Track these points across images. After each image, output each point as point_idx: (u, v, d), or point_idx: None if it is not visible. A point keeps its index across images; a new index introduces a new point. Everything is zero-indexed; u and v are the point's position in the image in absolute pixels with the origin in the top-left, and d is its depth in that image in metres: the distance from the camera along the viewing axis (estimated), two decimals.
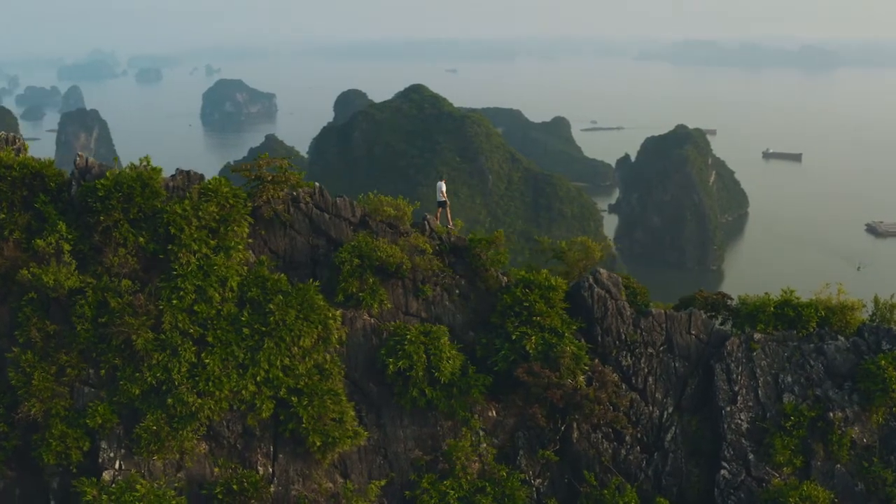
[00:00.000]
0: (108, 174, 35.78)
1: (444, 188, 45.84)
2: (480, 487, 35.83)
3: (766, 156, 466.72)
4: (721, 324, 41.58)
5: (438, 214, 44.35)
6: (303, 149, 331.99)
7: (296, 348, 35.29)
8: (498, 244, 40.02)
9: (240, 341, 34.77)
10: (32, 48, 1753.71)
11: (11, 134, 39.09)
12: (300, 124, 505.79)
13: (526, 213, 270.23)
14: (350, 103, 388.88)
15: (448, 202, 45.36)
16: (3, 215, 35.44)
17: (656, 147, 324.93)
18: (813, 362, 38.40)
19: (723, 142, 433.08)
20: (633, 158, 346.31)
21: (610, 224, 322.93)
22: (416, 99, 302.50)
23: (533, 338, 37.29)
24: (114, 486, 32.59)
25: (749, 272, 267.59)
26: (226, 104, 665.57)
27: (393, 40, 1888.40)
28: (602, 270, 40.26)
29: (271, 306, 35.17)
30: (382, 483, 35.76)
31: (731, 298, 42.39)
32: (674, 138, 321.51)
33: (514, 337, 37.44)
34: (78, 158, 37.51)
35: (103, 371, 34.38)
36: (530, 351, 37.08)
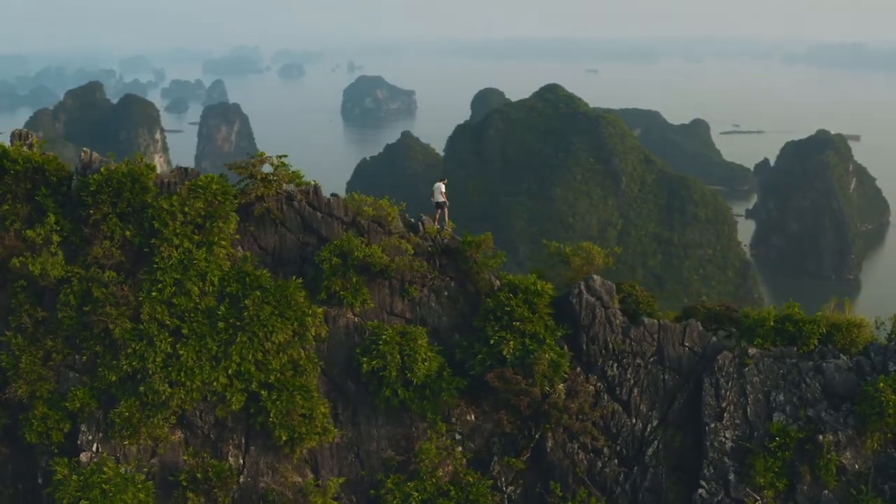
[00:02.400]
0: (102, 170, 37.29)
1: (443, 189, 45.59)
2: (445, 491, 35.78)
3: None
4: (727, 337, 40.12)
5: (437, 216, 44.18)
6: (440, 146, 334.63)
7: (269, 343, 36.00)
8: (485, 247, 39.49)
9: (214, 334, 35.74)
10: (179, 43, 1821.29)
11: (25, 130, 41.57)
12: (439, 121, 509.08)
13: (659, 215, 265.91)
14: (487, 102, 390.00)
15: (447, 203, 45.04)
16: (7, 207, 37.50)
17: (796, 152, 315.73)
18: (810, 381, 36.47)
19: (867, 148, 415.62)
20: (772, 163, 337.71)
21: (746, 229, 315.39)
22: (551, 98, 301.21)
23: (511, 343, 36.84)
24: (84, 467, 34.08)
25: (888, 283, 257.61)
26: (366, 100, 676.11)
27: (535, 39, 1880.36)
28: (596, 277, 39.43)
29: (247, 301, 36.03)
30: (342, 480, 36.18)
31: (737, 311, 40.79)
32: (815, 143, 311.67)
33: (492, 341, 37.10)
34: (83, 154, 39.37)
35: (85, 357, 36.09)
36: (507, 356, 36.66)
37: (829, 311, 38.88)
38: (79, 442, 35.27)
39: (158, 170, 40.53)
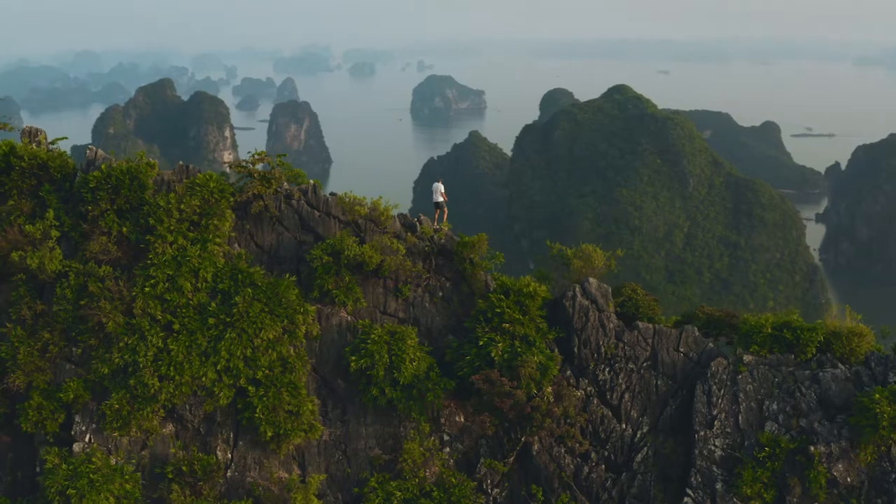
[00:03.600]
0: (103, 167, 38.09)
1: (442, 189, 45.52)
2: (427, 491, 35.76)
3: None
4: (728, 344, 39.38)
5: (437, 216, 44.13)
6: (508, 146, 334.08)
7: (258, 340, 36.42)
8: (479, 248, 39.30)
9: (204, 330, 36.29)
10: (250, 41, 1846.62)
11: (34, 127, 42.42)
12: (507, 121, 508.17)
13: (726, 218, 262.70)
14: (556, 102, 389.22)
15: (446, 203, 44.95)
16: (12, 202, 38.57)
17: (867, 156, 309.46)
18: (805, 390, 35.57)
19: None
20: (843, 167, 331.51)
21: (816, 233, 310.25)
22: (619, 99, 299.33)
23: (500, 345, 36.69)
24: (75, 457, 34.88)
25: None
26: (435, 99, 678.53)
27: (606, 39, 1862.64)
28: (592, 280, 39.00)
29: (237, 298, 36.51)
30: (323, 477, 36.37)
31: (737, 317, 39.94)
32: (886, 147, 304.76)
33: (481, 343, 36.96)
34: (88, 151, 40.18)
35: (80, 350, 36.91)
36: (495, 358, 36.49)
37: (830, 319, 37.90)
38: (72, 432, 36.05)
39: (227, 168, 41.38)
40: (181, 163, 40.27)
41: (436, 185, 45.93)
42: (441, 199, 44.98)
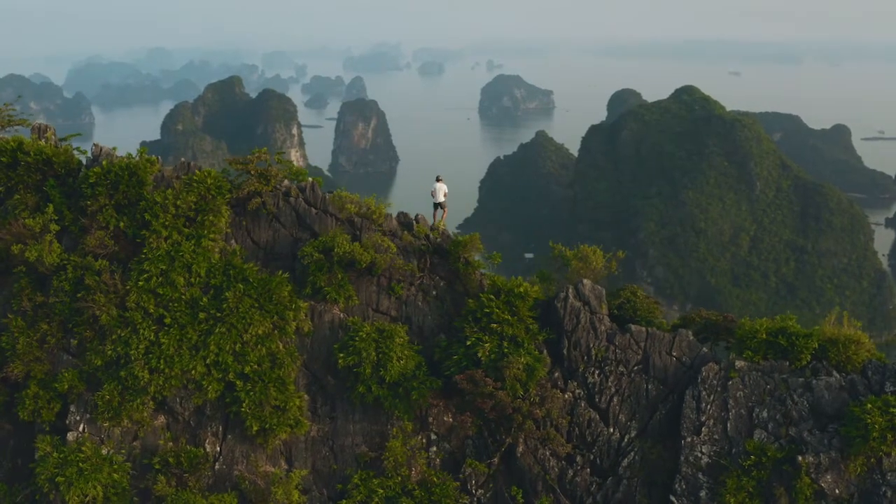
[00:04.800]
0: (104, 163, 38.78)
1: (445, 189, 45.35)
2: (409, 490, 35.80)
3: None
4: (727, 349, 38.66)
5: (435, 215, 44.07)
6: (575, 146, 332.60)
7: (248, 335, 36.85)
8: (472, 247, 39.15)
9: (195, 324, 36.87)
10: (320, 39, 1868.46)
11: (43, 123, 43.41)
12: (575, 122, 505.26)
13: (793, 222, 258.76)
14: (623, 102, 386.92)
15: (445, 202, 44.82)
16: (18, 196, 39.52)
17: None
18: (797, 398, 34.64)
19: None
20: None
21: (885, 239, 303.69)
22: (687, 100, 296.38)
23: (487, 345, 36.52)
24: (67, 446, 35.76)
25: None
26: (503, 99, 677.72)
27: (677, 40, 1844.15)
28: (586, 281, 38.58)
29: (227, 294, 36.99)
30: (305, 473, 36.66)
31: (735, 322, 39.16)
32: None
33: (468, 343, 36.83)
34: (93, 147, 40.87)
35: (76, 341, 37.77)
36: (482, 358, 36.35)
37: (828, 326, 36.98)
38: (67, 422, 36.97)
39: (294, 165, 42.14)
40: (183, 160, 40.98)
41: (438, 184, 45.71)
42: (443, 198, 44.81)
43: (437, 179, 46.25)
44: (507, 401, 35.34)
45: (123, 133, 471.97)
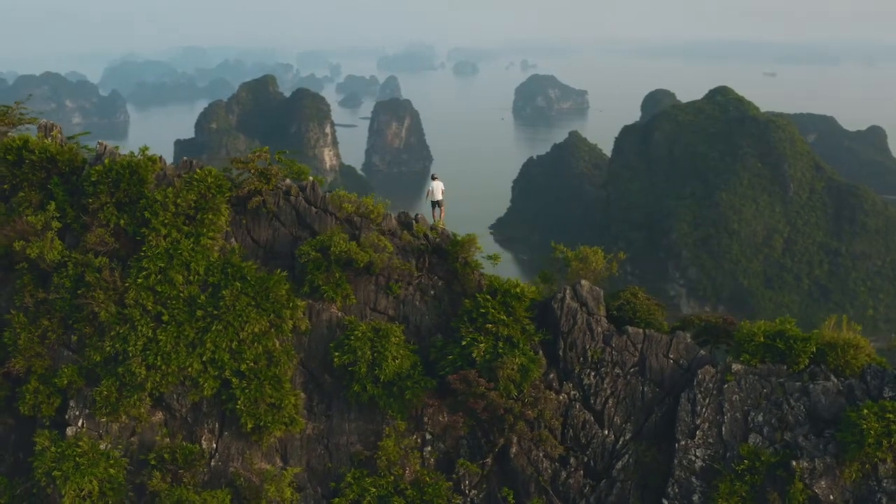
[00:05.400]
0: (106, 161, 39.17)
1: (443, 187, 45.37)
2: (401, 489, 35.89)
3: None
4: (727, 352, 38.31)
5: (434, 214, 44.11)
6: (608, 146, 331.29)
7: (244, 333, 37.07)
8: (469, 247, 39.11)
9: (192, 322, 37.18)
10: (354, 39, 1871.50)
11: (50, 122, 43.95)
12: (609, 122, 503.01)
13: (827, 224, 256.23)
14: (657, 103, 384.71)
15: (442, 201, 44.86)
16: (23, 194, 40.06)
17: None
18: (794, 403, 34.22)
19: None
20: None
21: None
22: (721, 101, 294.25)
23: (482, 345, 36.47)
24: (65, 441, 36.25)
25: None
26: (537, 99, 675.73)
27: (712, 40, 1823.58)
28: (584, 282, 38.40)
29: (224, 292, 37.22)
30: (297, 471, 36.90)
31: (734, 324, 38.80)
32: None
33: (464, 343, 36.80)
34: (98, 146, 41.45)
35: (76, 337, 38.25)
36: (477, 358, 36.30)
37: (827, 329, 36.54)
38: (66, 417, 37.49)
39: (327, 164, 42.63)
40: (185, 158, 41.23)
41: (436, 183, 45.77)
42: (440, 197, 44.88)
43: (433, 178, 46.25)
44: (499, 401, 35.26)
45: (158, 131, 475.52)
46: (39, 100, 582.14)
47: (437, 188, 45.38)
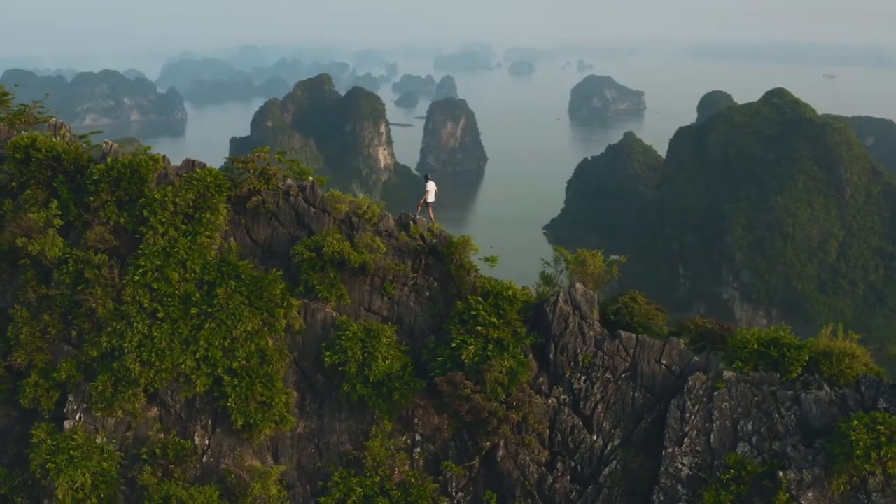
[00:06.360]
0: (109, 160, 39.82)
1: (435, 188, 45.24)
2: (387, 490, 35.95)
3: None
4: (725, 359, 37.70)
5: (431, 214, 44.10)
6: (664, 148, 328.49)
7: (237, 331, 37.48)
8: (462, 249, 39.00)
9: (187, 319, 37.71)
10: (411, 38, 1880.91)
11: (59, 121, 45.00)
12: (665, 123, 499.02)
13: (883, 228, 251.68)
14: (714, 105, 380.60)
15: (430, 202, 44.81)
16: (29, 191, 40.92)
17: None
18: (785, 412, 33.46)
19: None
20: None
21: None
22: (777, 103, 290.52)
23: (471, 348, 36.34)
24: (61, 434, 37.00)
25: None
26: (593, 100, 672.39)
27: (771, 42, 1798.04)
28: (579, 286, 38.09)
29: (218, 290, 37.71)
30: (283, 468, 37.16)
31: (731, 331, 38.13)
32: None
33: (453, 345, 36.73)
34: (104, 144, 42.19)
35: (75, 333, 38.97)
36: (466, 361, 36.20)
37: (823, 338, 35.80)
38: (65, 411, 38.23)
39: (382, 163, 43.03)
40: (188, 157, 41.68)
41: (430, 183, 45.63)
42: (433, 198, 44.73)
43: (426, 178, 46.12)
44: (483, 404, 35.13)
45: (214, 129, 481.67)
46: (98, 97, 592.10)
47: (432, 189, 45.31)
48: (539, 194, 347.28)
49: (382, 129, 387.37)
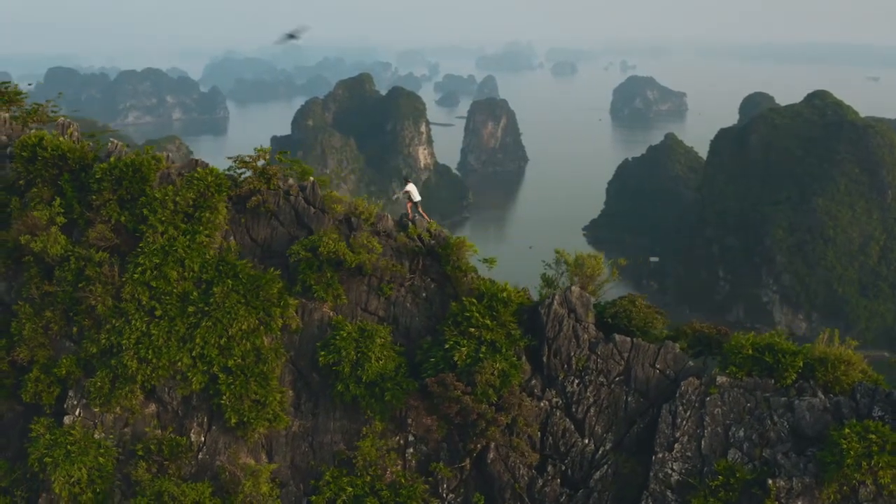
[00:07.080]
0: (111, 159, 40.32)
1: (416, 187, 44.89)
2: (377, 490, 36.03)
3: None
4: (721, 363, 37.33)
5: (417, 215, 43.96)
6: (705, 149, 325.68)
7: (233, 330, 37.78)
8: (458, 250, 38.97)
9: (184, 317, 38.15)
10: (454, 38, 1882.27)
11: (67, 120, 45.66)
12: (708, 125, 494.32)
13: None
14: (756, 106, 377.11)
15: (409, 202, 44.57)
16: (35, 190, 41.62)
17: None
18: (777, 419, 32.98)
19: None
20: None
21: None
22: (819, 105, 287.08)
23: (464, 349, 36.28)
24: (59, 429, 37.57)
25: None
26: (636, 100, 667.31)
27: (813, 43, 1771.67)
28: (575, 288, 37.86)
29: (215, 289, 38.05)
30: (273, 467, 37.37)
31: (728, 335, 37.65)
32: None
33: (447, 346, 36.71)
34: (110, 144, 42.44)
35: (76, 329, 39.54)
36: (458, 362, 36.16)
37: (819, 344, 35.27)
38: (65, 406, 38.81)
39: (422, 163, 43.20)
40: (192, 157, 42.08)
41: (411, 185, 45.00)
42: (418, 197, 44.05)
43: (406, 180, 45.58)
44: (472, 406, 35.08)
45: (256, 127, 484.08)
46: (141, 95, 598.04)
47: (413, 190, 44.94)
48: (579, 195, 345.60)
49: (423, 128, 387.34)
